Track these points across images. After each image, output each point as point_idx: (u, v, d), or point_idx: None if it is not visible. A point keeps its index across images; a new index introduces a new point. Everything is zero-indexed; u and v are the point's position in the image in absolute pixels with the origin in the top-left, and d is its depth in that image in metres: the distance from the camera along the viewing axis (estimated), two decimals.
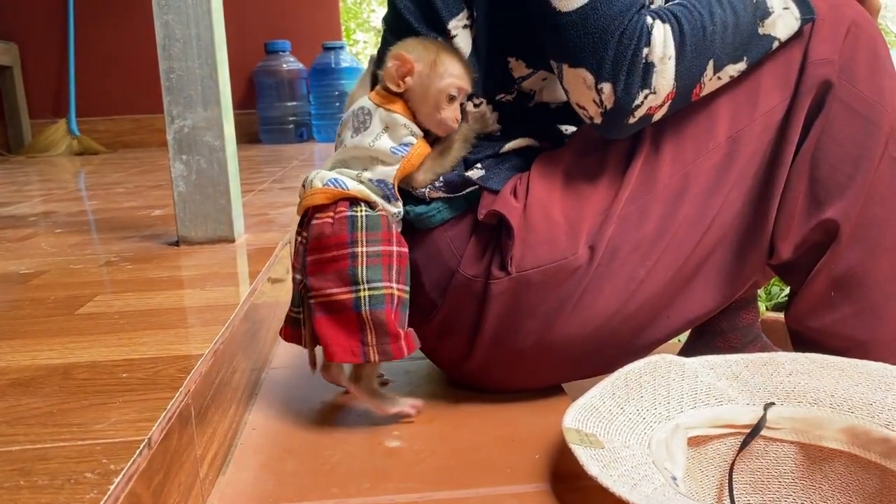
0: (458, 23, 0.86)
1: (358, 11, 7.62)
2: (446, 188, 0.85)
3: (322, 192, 0.79)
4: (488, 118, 0.87)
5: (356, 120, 0.83)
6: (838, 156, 0.84)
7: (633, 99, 0.78)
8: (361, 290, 0.77)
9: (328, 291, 0.77)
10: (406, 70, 0.81)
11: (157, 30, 1.13)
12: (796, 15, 0.82)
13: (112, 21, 3.72)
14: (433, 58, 0.81)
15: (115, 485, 0.46)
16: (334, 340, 0.78)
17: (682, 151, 0.84)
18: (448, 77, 0.81)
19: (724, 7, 0.80)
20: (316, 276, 0.78)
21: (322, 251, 0.78)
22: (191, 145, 1.16)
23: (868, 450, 0.74)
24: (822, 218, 0.84)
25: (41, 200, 1.93)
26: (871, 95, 0.84)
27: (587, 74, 0.78)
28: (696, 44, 0.78)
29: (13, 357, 0.71)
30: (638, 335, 0.87)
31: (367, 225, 0.78)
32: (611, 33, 0.76)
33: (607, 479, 0.60)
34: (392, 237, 0.80)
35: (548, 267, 0.81)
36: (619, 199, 0.82)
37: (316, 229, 0.79)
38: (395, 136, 0.81)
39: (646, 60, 0.77)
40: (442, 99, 0.81)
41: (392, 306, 0.78)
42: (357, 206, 0.79)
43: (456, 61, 0.82)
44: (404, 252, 0.81)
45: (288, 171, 2.38)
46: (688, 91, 0.80)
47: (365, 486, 0.72)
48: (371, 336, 0.77)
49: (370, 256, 0.77)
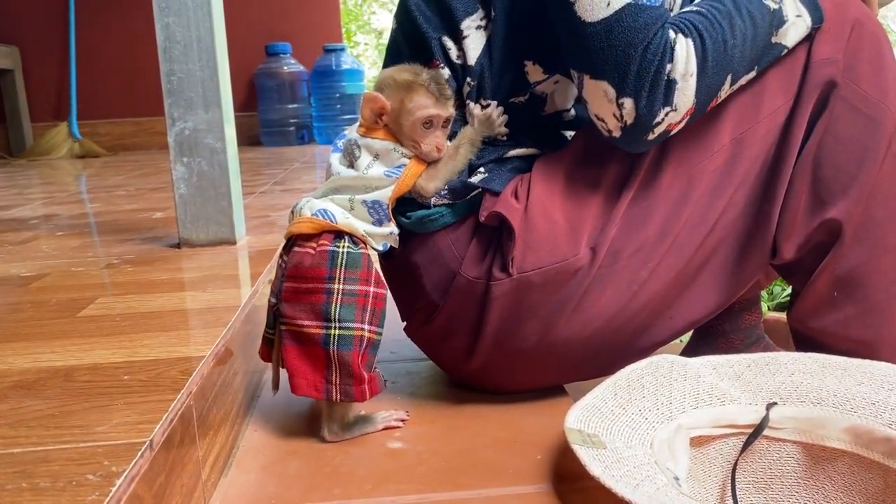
0: (471, 22, 0.85)
1: (358, 13, 7.63)
2: (451, 195, 0.85)
3: (309, 221, 0.79)
4: (495, 120, 0.86)
5: (346, 153, 0.83)
6: (841, 155, 0.83)
7: (655, 116, 0.77)
8: (332, 328, 0.77)
9: (300, 322, 0.78)
10: (379, 108, 0.82)
11: (157, 32, 1.13)
12: (808, 23, 0.82)
13: (113, 24, 3.73)
14: (401, 95, 0.81)
15: (116, 487, 0.46)
16: (300, 372, 0.78)
17: (686, 154, 0.83)
18: (417, 111, 0.81)
19: (743, 17, 0.79)
20: (290, 303, 0.78)
21: (299, 281, 0.78)
22: (192, 148, 1.16)
23: (871, 449, 0.73)
24: (825, 218, 0.84)
25: (42, 203, 1.93)
26: (874, 94, 0.83)
27: (608, 88, 0.77)
28: (718, 59, 0.77)
29: (15, 360, 0.71)
30: (640, 336, 0.87)
31: (346, 262, 0.78)
32: (635, 47, 0.75)
33: (610, 480, 0.60)
34: (371, 277, 0.79)
35: (549, 268, 0.81)
36: (622, 202, 0.82)
37: (296, 258, 0.79)
38: (387, 161, 0.82)
39: (668, 77, 0.76)
40: (417, 131, 0.81)
41: (360, 348, 0.78)
42: (340, 241, 0.79)
43: (424, 92, 0.81)
44: (381, 294, 0.81)
45: (289, 174, 2.38)
46: (706, 106, 0.80)
47: (367, 487, 0.72)
48: (336, 375, 0.78)
49: (346, 295, 0.77)
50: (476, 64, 0.86)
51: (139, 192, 2.05)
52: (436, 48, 0.86)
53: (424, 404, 0.90)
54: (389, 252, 0.86)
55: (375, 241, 0.82)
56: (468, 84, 0.86)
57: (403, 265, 0.89)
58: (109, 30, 3.73)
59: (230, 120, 1.20)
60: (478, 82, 0.86)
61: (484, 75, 0.86)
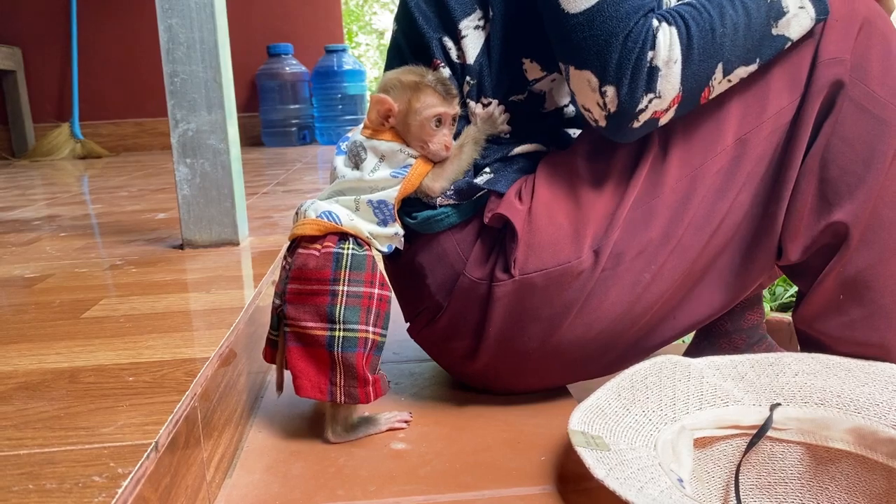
0: (469, 23, 0.86)
1: (360, 14, 7.63)
2: (456, 196, 0.85)
3: (314, 223, 0.80)
4: (497, 118, 0.87)
5: (351, 155, 0.84)
6: (848, 157, 0.82)
7: (637, 103, 0.77)
8: (337, 330, 0.77)
9: (304, 324, 0.78)
10: (386, 111, 0.82)
11: (160, 33, 1.13)
12: (812, 15, 0.81)
13: (115, 25, 3.74)
14: (408, 96, 0.82)
15: (122, 488, 0.46)
16: (304, 374, 0.78)
17: (690, 155, 0.83)
18: (425, 109, 0.81)
19: (735, 7, 0.79)
20: (294, 305, 0.78)
21: (303, 282, 0.78)
22: (195, 149, 1.16)
23: (875, 450, 0.73)
24: (831, 220, 0.83)
25: (45, 204, 1.93)
26: (883, 94, 0.82)
27: (592, 77, 0.78)
28: (704, 47, 0.77)
29: (20, 361, 0.71)
30: (644, 337, 0.87)
31: (351, 264, 0.78)
32: (615, 36, 0.76)
33: (614, 483, 0.60)
34: (375, 279, 0.80)
35: (551, 270, 0.81)
36: (625, 204, 0.82)
37: (300, 259, 0.79)
38: (393, 162, 0.82)
39: (650, 64, 0.76)
40: (426, 129, 0.82)
41: (364, 350, 0.78)
42: (345, 243, 0.79)
43: (431, 92, 0.82)
44: (386, 296, 0.81)
45: (291, 174, 2.38)
46: (695, 95, 0.80)
47: (371, 488, 0.72)
48: (340, 377, 0.78)
49: (350, 297, 0.78)
50: (475, 63, 0.86)
51: (142, 193, 2.05)
52: (436, 48, 0.87)
53: (428, 405, 0.90)
54: (395, 252, 0.87)
55: (380, 242, 0.82)
56: (468, 83, 0.87)
57: (408, 266, 0.89)
58: (112, 31, 3.74)
59: (233, 121, 1.20)
60: (478, 81, 0.87)
61: (483, 74, 0.87)
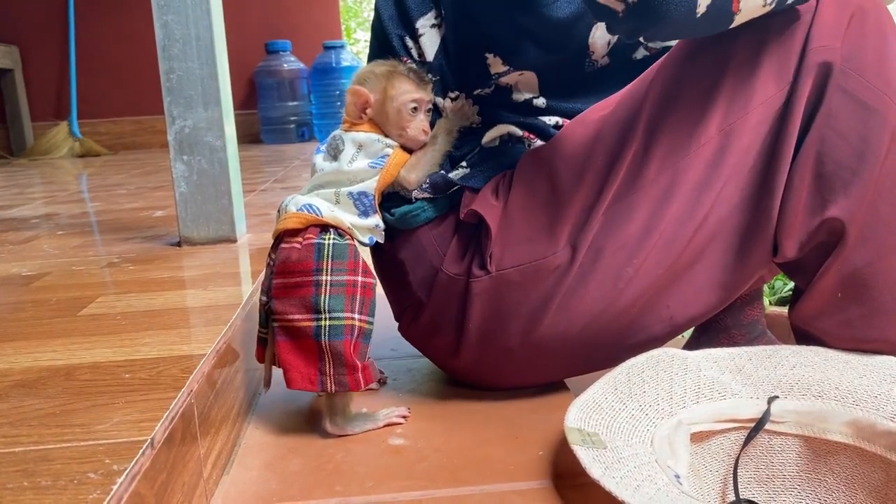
0: (426, 21, 0.88)
1: (358, 10, 7.62)
2: (431, 189, 0.85)
3: (295, 216, 0.80)
4: (467, 110, 0.88)
5: (330, 148, 0.85)
6: (842, 150, 0.79)
7: None
8: (322, 319, 0.77)
9: (290, 317, 0.78)
10: (363, 102, 0.83)
11: (156, 31, 1.13)
12: None
13: (112, 23, 3.73)
14: (383, 84, 0.83)
15: (118, 485, 0.46)
16: (294, 366, 0.78)
17: (672, 147, 0.81)
18: (401, 95, 0.83)
19: None
20: (280, 300, 0.79)
21: (287, 276, 0.79)
22: (192, 146, 1.16)
23: (873, 443, 0.73)
24: (826, 217, 0.80)
25: (43, 203, 1.93)
26: (878, 85, 0.79)
27: None
28: None
29: (16, 358, 0.71)
30: (634, 332, 0.85)
31: (333, 254, 0.79)
32: None
33: (610, 483, 0.60)
34: (358, 267, 0.80)
35: (527, 266, 0.81)
36: (604, 198, 0.81)
37: (283, 253, 0.79)
38: (370, 152, 0.83)
39: None
40: (404, 116, 0.83)
41: (351, 337, 0.78)
42: (326, 234, 0.79)
43: (405, 79, 0.83)
44: (369, 283, 0.81)
45: (290, 171, 2.38)
46: None
47: (368, 484, 0.72)
48: (329, 366, 0.78)
49: (334, 285, 0.78)
50: (435, 60, 0.88)
51: (140, 191, 2.05)
52: (398, 46, 0.89)
53: (426, 401, 0.90)
54: (378, 248, 0.87)
55: (361, 234, 0.83)
56: (431, 80, 0.88)
57: (391, 263, 0.90)
58: (109, 29, 3.73)
59: (230, 118, 1.20)
60: (440, 77, 0.89)
61: (444, 70, 0.88)
